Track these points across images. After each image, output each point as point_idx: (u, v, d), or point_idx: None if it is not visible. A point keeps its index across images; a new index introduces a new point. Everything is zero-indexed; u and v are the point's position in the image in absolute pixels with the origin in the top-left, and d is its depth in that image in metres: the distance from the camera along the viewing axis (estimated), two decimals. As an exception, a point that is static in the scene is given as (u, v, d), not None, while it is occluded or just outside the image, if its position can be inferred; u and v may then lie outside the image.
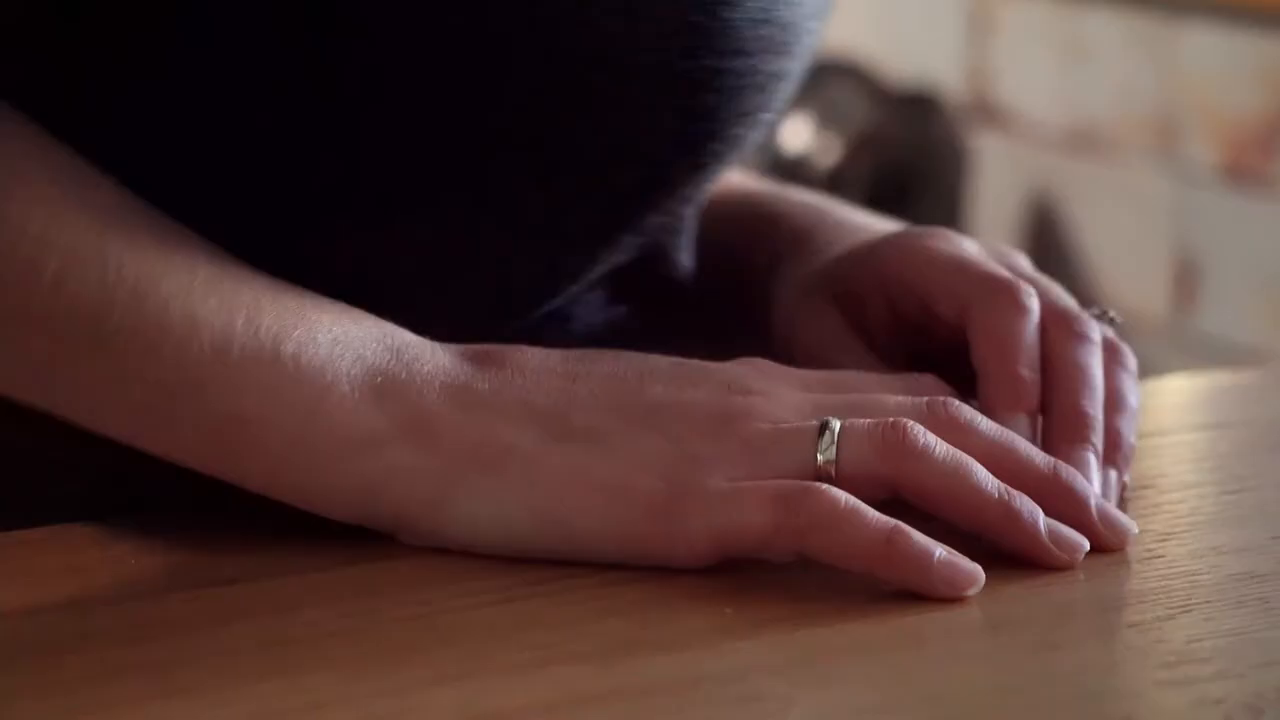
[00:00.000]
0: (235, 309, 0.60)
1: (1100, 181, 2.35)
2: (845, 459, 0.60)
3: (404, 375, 0.61)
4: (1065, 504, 0.61)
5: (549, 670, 0.53)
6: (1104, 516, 0.62)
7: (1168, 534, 0.63)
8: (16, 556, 0.61)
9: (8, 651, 0.55)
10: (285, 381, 0.59)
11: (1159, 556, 0.62)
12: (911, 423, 0.60)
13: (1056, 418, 0.65)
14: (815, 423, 0.60)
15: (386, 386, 0.60)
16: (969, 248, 0.70)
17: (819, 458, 0.60)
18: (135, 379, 0.59)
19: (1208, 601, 0.58)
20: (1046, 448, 0.64)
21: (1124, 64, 2.31)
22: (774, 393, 0.63)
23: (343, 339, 0.61)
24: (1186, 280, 2.23)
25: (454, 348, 0.62)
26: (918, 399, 0.63)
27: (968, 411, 0.62)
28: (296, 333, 0.60)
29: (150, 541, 0.62)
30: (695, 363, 0.64)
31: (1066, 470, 0.62)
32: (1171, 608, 0.58)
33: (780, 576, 0.59)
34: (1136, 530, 0.62)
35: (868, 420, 0.61)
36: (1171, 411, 0.80)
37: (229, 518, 0.62)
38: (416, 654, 0.55)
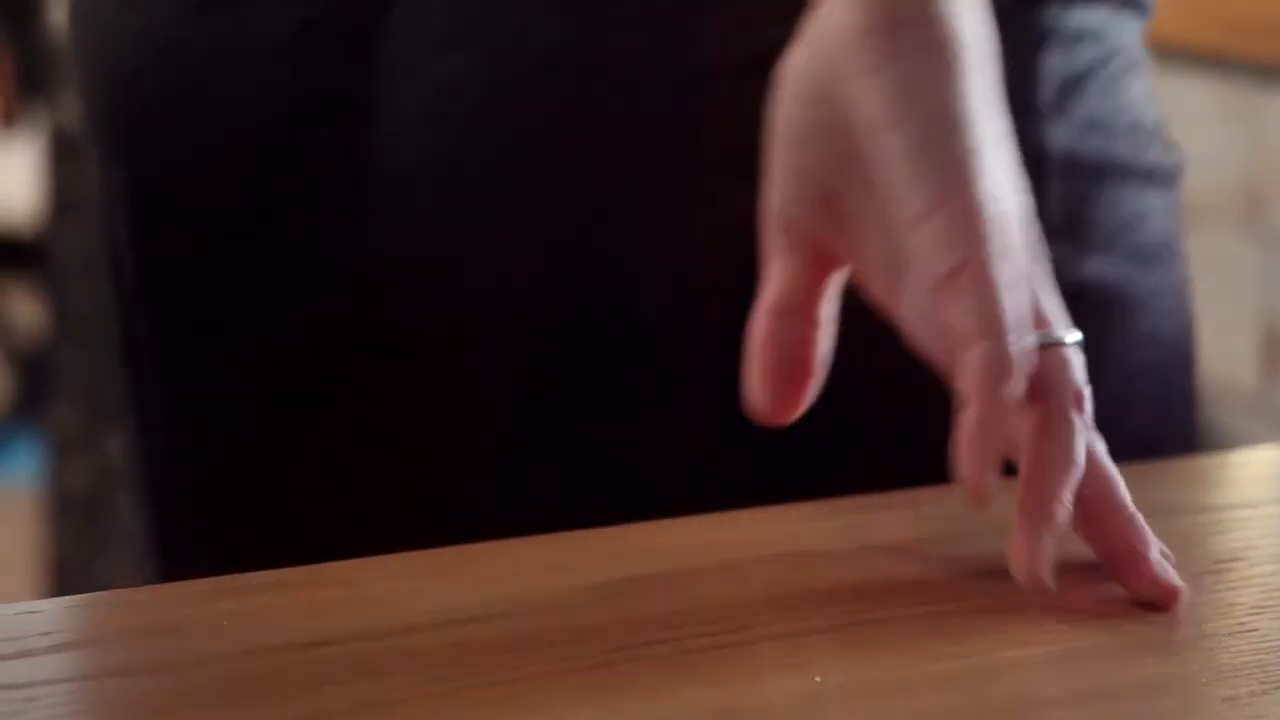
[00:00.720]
0: None
1: (1187, 249, 2.34)
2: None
3: None
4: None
5: (638, 737, 0.53)
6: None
7: (1261, 607, 0.63)
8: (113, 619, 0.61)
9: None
10: None
11: (1252, 630, 0.61)
12: None
13: None
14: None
15: None
16: None
17: None
18: None
19: (1302, 677, 0.58)
20: None
21: (1211, 131, 2.30)
22: None
23: None
24: (1275, 349, 2.22)
25: None
26: None
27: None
28: None
29: (242, 602, 0.62)
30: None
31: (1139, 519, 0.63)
32: (1266, 683, 0.57)
33: (872, 644, 0.59)
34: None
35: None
36: (1261, 483, 0.80)
37: (318, 579, 0.63)
38: None
